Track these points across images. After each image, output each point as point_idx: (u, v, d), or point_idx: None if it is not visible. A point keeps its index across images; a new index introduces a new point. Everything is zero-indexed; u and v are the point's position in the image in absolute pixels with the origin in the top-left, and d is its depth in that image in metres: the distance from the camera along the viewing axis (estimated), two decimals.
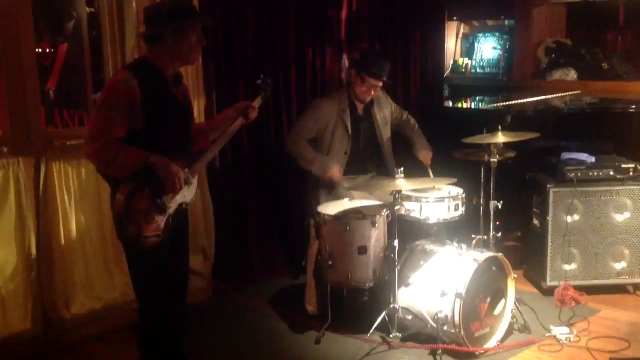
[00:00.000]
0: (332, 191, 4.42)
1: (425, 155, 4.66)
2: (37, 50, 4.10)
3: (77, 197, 4.04)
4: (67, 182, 3.99)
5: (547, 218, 4.48)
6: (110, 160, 2.89)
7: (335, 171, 4.36)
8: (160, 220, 3.00)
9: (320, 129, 4.49)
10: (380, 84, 4.49)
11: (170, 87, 3.10)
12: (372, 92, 4.52)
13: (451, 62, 6.86)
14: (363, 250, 3.93)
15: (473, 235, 4.13)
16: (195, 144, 3.30)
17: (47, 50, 4.43)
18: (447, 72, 6.69)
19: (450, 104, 6.33)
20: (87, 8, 4.43)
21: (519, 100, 5.56)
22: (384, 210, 4.02)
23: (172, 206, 3.07)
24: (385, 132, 4.71)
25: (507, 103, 5.51)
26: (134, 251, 3.09)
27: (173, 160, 3.03)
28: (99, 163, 2.97)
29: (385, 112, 4.74)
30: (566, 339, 3.90)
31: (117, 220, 2.93)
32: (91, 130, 2.95)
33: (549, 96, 5.66)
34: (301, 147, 4.43)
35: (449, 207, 4.05)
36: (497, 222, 4.25)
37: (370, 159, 4.66)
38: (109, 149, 2.88)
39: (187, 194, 3.15)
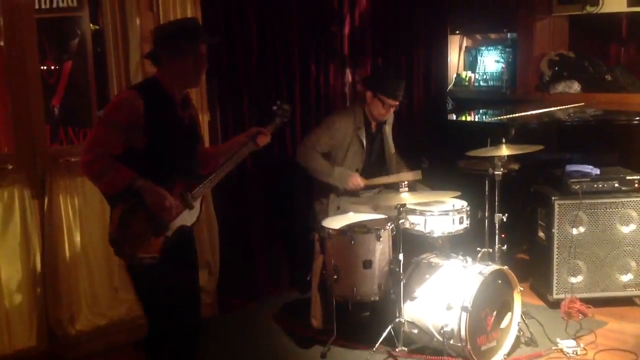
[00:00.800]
0: (344, 194, 4.43)
1: (411, 176, 4.61)
2: (41, 68, 4.12)
3: (82, 214, 4.06)
4: (72, 199, 4.00)
5: (553, 230, 4.47)
6: (100, 174, 2.90)
7: (357, 179, 4.38)
8: (158, 242, 2.99)
9: (335, 145, 4.48)
10: (397, 103, 4.50)
11: (176, 109, 3.09)
12: (390, 112, 4.55)
13: (454, 75, 6.87)
14: (368, 264, 3.93)
15: (478, 249, 4.12)
16: (206, 168, 3.29)
17: (52, 68, 4.46)
18: (450, 86, 6.70)
19: (454, 117, 6.32)
20: (91, 26, 4.46)
21: (523, 113, 5.56)
22: (389, 224, 4.02)
23: (171, 229, 3.06)
24: (392, 147, 4.72)
25: (511, 116, 5.50)
26: (134, 270, 3.08)
27: (174, 184, 3.02)
28: (89, 174, 2.97)
29: (390, 127, 4.75)
30: (573, 352, 3.88)
31: (111, 240, 2.93)
32: (89, 141, 2.99)
33: (553, 109, 5.65)
34: (316, 160, 4.43)
35: (453, 220, 4.05)
36: (503, 235, 4.24)
37: (378, 174, 4.66)
38: (102, 162, 2.89)
39: (187, 218, 3.12)
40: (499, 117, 5.69)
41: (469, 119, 6.26)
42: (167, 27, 3.14)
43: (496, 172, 4.12)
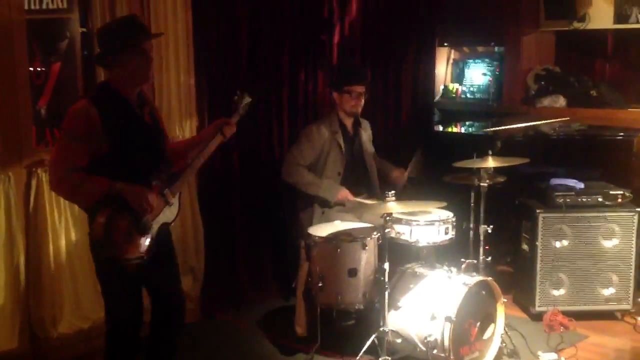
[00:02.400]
0: (327, 206, 4.44)
1: (398, 173, 4.66)
2: (29, 69, 4.10)
3: (67, 215, 4.04)
4: (57, 200, 3.98)
5: (537, 243, 4.50)
6: (74, 190, 2.90)
7: (346, 193, 4.41)
8: (143, 242, 2.99)
9: (316, 154, 4.51)
10: (363, 88, 4.53)
11: (134, 109, 3.08)
12: (362, 101, 4.56)
13: (442, 87, 6.90)
14: (353, 272, 3.93)
15: (463, 260, 4.13)
16: (175, 163, 3.29)
17: (40, 69, 4.43)
18: (437, 97, 6.73)
19: (441, 128, 6.36)
20: (80, 28, 4.44)
21: (509, 126, 5.60)
22: (375, 233, 4.03)
23: (155, 227, 3.06)
24: (370, 152, 4.73)
25: (497, 128, 5.54)
26: (111, 274, 3.06)
27: (149, 182, 3.03)
28: (63, 193, 3.01)
29: (368, 134, 4.78)
30: None
31: (97, 243, 2.92)
32: (53, 160, 2.96)
33: (538, 122, 5.70)
34: (302, 175, 4.47)
35: (439, 230, 4.06)
36: (487, 247, 4.26)
37: (361, 179, 4.67)
38: (73, 178, 2.88)
39: (169, 214, 3.14)
40: (485, 130, 5.73)
41: (455, 130, 6.29)
42: (108, 28, 3.12)
43: (482, 184, 4.14)
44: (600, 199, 4.55)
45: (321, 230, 4.11)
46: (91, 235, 2.95)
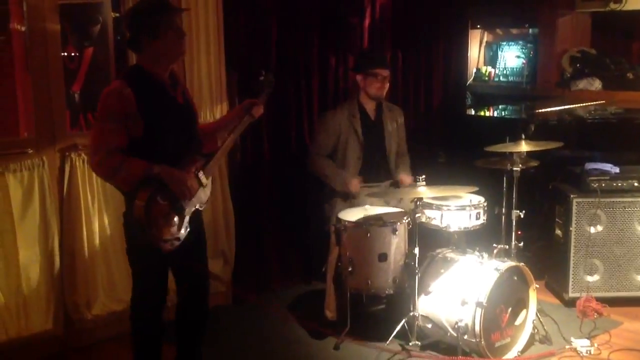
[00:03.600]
0: (349, 199, 4.43)
1: (404, 176, 4.61)
2: (62, 54, 4.14)
3: (100, 199, 4.08)
4: (91, 184, 4.02)
5: (570, 228, 4.44)
6: (113, 172, 2.92)
7: (354, 184, 4.38)
8: (179, 223, 3.02)
9: (335, 141, 4.50)
10: (388, 72, 4.53)
11: (167, 90, 3.09)
12: (387, 85, 4.54)
13: (474, 70, 6.82)
14: (383, 257, 3.92)
15: (494, 245, 4.10)
16: (204, 145, 3.31)
17: (73, 54, 4.47)
18: (470, 81, 6.66)
19: (473, 112, 6.30)
20: (112, 13, 4.47)
21: (543, 110, 5.52)
22: (405, 218, 4.01)
23: (190, 209, 3.08)
24: (393, 143, 4.69)
25: (531, 112, 5.46)
26: (144, 256, 3.09)
27: (186, 165, 3.05)
28: (103, 175, 3.01)
29: (396, 123, 4.72)
30: (587, 352, 3.86)
31: (136, 225, 2.92)
32: (92, 143, 2.98)
33: (573, 106, 5.61)
34: (321, 166, 4.50)
35: (470, 215, 4.03)
36: (519, 232, 4.22)
37: (382, 167, 4.65)
38: (112, 160, 2.90)
39: (202, 196, 3.18)
40: (518, 113, 5.66)
41: (487, 114, 6.23)
42: (137, 10, 3.10)
43: (514, 169, 4.09)
44: (636, 184, 4.47)
45: (351, 214, 4.10)
46: (130, 218, 2.97)
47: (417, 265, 3.86)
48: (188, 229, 3.08)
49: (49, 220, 3.87)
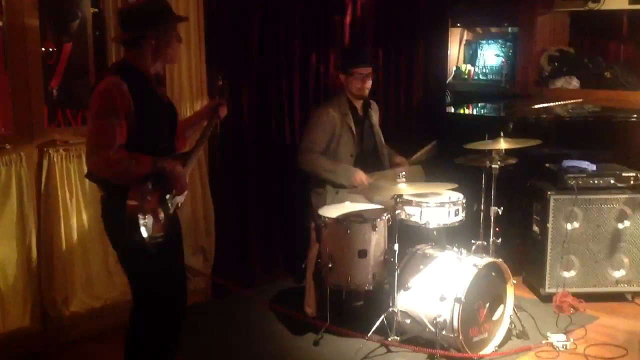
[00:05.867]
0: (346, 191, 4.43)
1: (400, 158, 4.66)
2: (41, 49, 4.11)
3: (79, 195, 4.05)
4: (69, 180, 4.00)
5: (548, 225, 4.49)
6: (122, 169, 2.83)
7: (362, 175, 4.36)
8: (164, 221, 3.01)
9: (328, 138, 4.49)
10: (369, 69, 4.52)
11: (154, 88, 3.08)
12: (368, 82, 4.53)
13: (454, 68, 6.87)
14: (363, 253, 3.94)
15: (473, 241, 4.13)
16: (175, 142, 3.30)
17: (51, 49, 4.44)
18: (449, 79, 6.70)
19: (453, 110, 6.34)
20: (91, 8, 4.44)
21: (522, 108, 5.57)
22: (385, 214, 4.03)
23: (173, 206, 3.08)
24: (381, 136, 4.72)
25: (510, 110, 5.51)
26: (134, 256, 3.04)
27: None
28: (110, 173, 2.89)
29: (376, 118, 4.77)
30: (563, 347, 3.91)
31: (130, 225, 2.82)
32: (95, 140, 2.86)
33: (551, 104, 5.66)
34: (318, 162, 4.42)
35: (449, 212, 4.05)
36: (497, 229, 4.25)
37: (371, 161, 4.66)
38: (120, 158, 2.83)
39: (182, 195, 3.17)
40: (497, 111, 5.70)
41: (467, 112, 6.27)
42: (147, 9, 3.04)
43: (493, 166, 4.13)
44: (612, 181, 4.53)
45: (331, 211, 4.11)
46: (116, 220, 2.90)
47: (396, 261, 3.88)
48: (169, 226, 3.07)
49: (27, 217, 3.84)
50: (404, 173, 3.91)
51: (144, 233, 2.85)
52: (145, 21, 2.99)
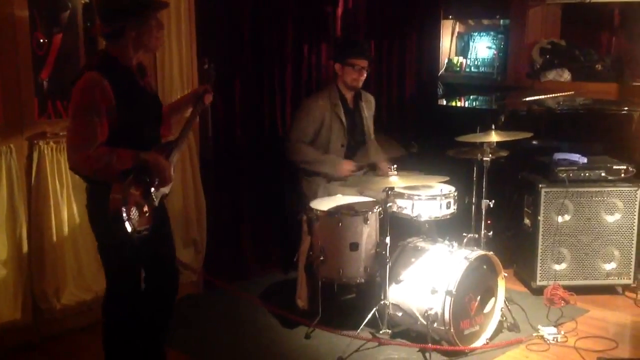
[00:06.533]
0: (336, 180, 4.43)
1: (384, 168, 4.61)
2: (31, 40, 4.08)
3: (69, 188, 4.03)
4: (60, 172, 3.97)
5: (539, 218, 4.50)
6: (102, 166, 2.83)
7: (349, 165, 4.38)
8: (150, 214, 3.00)
9: (317, 127, 4.49)
10: (366, 62, 4.51)
11: (137, 79, 3.06)
12: (363, 76, 4.54)
13: (446, 60, 6.87)
14: (355, 246, 3.94)
15: (464, 234, 4.14)
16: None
17: (41, 40, 4.40)
18: (441, 71, 6.70)
19: (445, 102, 6.34)
20: None
21: (513, 100, 5.58)
22: (376, 207, 4.03)
23: (157, 198, 3.07)
24: (371, 128, 4.72)
25: (501, 102, 5.52)
26: (115, 250, 3.04)
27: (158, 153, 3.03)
28: (90, 171, 2.89)
29: (371, 111, 4.76)
30: (554, 339, 3.92)
31: (114, 220, 2.83)
32: (75, 139, 2.87)
33: (543, 96, 5.67)
34: (305, 152, 4.46)
35: (440, 205, 4.06)
36: (489, 221, 4.26)
37: (361, 154, 4.66)
38: (100, 155, 2.82)
39: (167, 186, 3.16)
40: (489, 104, 5.71)
41: (459, 104, 6.27)
42: (121, 0, 3.00)
43: (485, 158, 4.13)
44: (603, 174, 4.54)
45: (323, 204, 4.11)
46: (100, 212, 2.90)
47: (388, 254, 3.89)
48: (156, 218, 3.06)
49: (17, 209, 3.81)
50: (395, 166, 3.90)
51: (129, 227, 2.85)
52: (123, 13, 2.94)
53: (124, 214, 2.83)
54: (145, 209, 2.96)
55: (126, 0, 2.97)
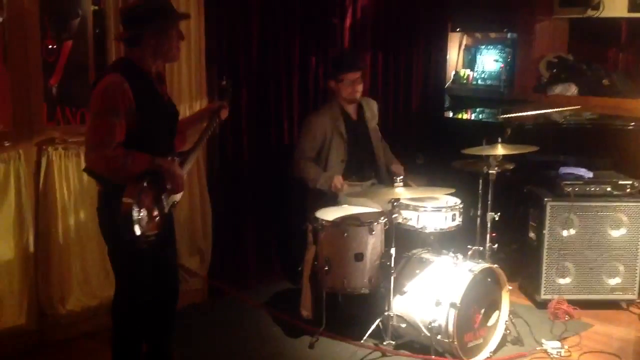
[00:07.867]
0: (332, 199, 4.44)
1: (397, 167, 4.68)
2: (41, 46, 4.11)
3: (77, 194, 4.05)
4: (67, 178, 4.00)
5: (544, 232, 4.50)
6: (119, 167, 2.86)
7: (338, 181, 4.37)
8: (159, 219, 3.02)
9: (318, 144, 4.51)
10: (358, 74, 4.52)
11: (155, 87, 3.10)
12: (359, 87, 4.55)
13: (453, 73, 6.89)
14: (359, 257, 3.94)
15: (469, 246, 4.14)
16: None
17: (51, 47, 4.44)
18: (448, 83, 6.72)
19: (451, 114, 6.35)
20: (92, 6, 4.45)
21: (519, 114, 5.59)
22: (382, 218, 4.04)
23: (168, 205, 3.09)
24: (378, 140, 4.73)
25: (508, 116, 5.53)
26: (125, 253, 3.06)
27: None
28: (106, 171, 2.93)
29: (373, 113, 4.78)
30: (557, 354, 3.91)
31: (123, 224, 2.86)
32: (94, 138, 2.90)
33: (549, 110, 5.68)
34: (306, 170, 4.47)
35: (446, 217, 4.06)
36: (494, 234, 4.26)
37: (368, 165, 4.67)
38: (117, 155, 2.86)
39: (178, 195, 3.17)
40: (495, 117, 5.72)
41: (465, 117, 6.28)
42: (143, 7, 3.06)
43: (490, 171, 4.14)
44: (609, 189, 4.53)
45: (328, 214, 4.12)
46: (111, 216, 2.93)
47: (392, 265, 3.89)
48: (165, 225, 3.08)
49: (25, 214, 3.84)
50: (401, 177, 3.91)
51: (138, 231, 2.87)
52: (144, 20, 3.00)
53: (135, 218, 2.85)
54: (155, 213, 2.98)
55: (148, 8, 3.02)
